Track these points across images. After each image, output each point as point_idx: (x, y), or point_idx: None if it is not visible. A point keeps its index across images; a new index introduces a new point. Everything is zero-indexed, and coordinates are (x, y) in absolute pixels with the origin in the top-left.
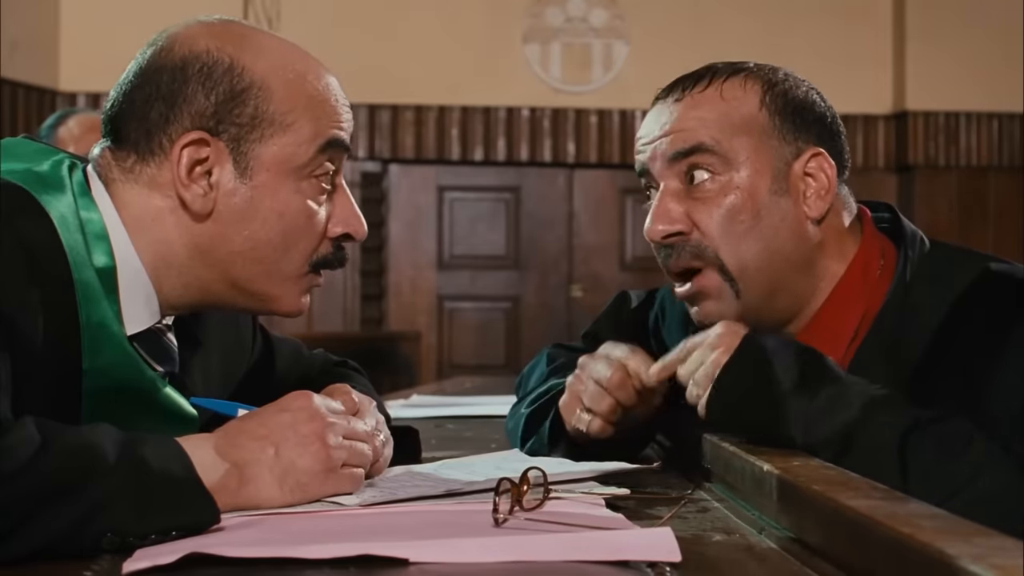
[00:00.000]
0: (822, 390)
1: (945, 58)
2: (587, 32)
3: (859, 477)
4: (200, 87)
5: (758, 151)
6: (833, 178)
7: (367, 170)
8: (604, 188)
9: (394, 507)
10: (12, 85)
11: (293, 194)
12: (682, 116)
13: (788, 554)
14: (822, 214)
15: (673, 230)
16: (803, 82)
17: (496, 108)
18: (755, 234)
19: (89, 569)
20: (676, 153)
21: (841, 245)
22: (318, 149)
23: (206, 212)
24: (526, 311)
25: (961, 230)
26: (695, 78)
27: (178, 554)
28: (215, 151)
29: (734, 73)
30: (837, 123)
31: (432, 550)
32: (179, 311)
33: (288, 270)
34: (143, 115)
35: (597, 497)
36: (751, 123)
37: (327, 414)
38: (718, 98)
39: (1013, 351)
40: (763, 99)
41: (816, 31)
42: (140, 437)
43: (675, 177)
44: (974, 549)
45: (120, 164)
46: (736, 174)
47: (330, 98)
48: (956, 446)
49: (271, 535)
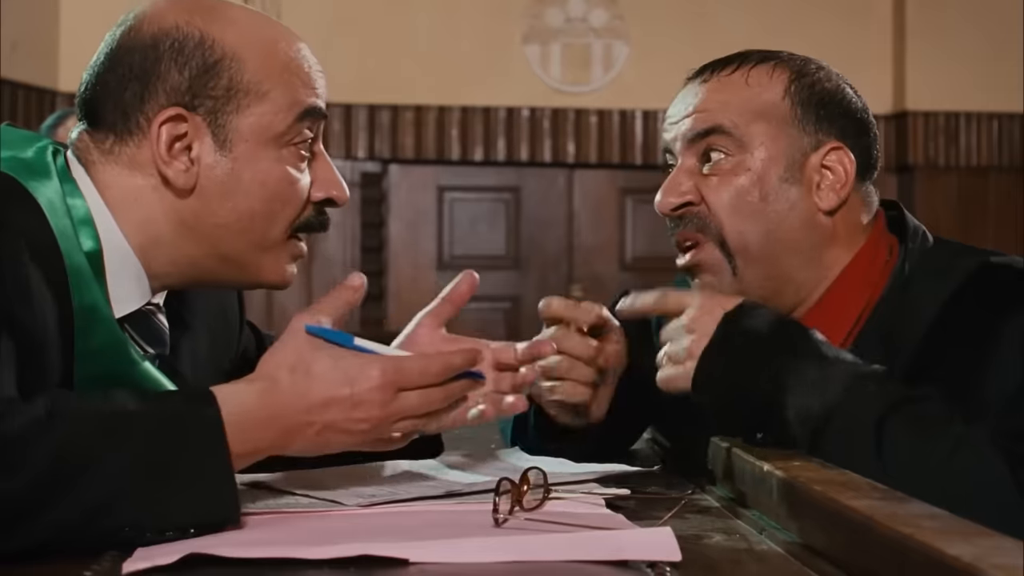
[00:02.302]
0: (806, 368)
1: (945, 58)
2: (587, 32)
3: (859, 477)
4: (173, 63)
5: (775, 138)
6: (851, 173)
7: (367, 170)
8: (604, 188)
9: (394, 507)
10: (12, 85)
11: (274, 163)
12: (706, 98)
13: (788, 554)
14: (833, 207)
15: (681, 201)
16: (838, 77)
17: (496, 108)
18: (760, 216)
19: (89, 569)
20: (695, 134)
21: (853, 240)
22: (296, 118)
23: (189, 187)
24: (526, 311)
25: (961, 230)
26: (725, 62)
27: (178, 554)
28: (193, 126)
29: (764, 60)
30: (868, 122)
31: (432, 550)
32: (170, 287)
33: (273, 238)
34: (118, 96)
35: (597, 497)
36: (771, 110)
37: (393, 402)
38: (743, 83)
39: (1006, 340)
40: (788, 88)
41: (816, 31)
42: (177, 414)
43: (692, 156)
44: (974, 549)
45: (99, 146)
46: (749, 156)
47: (303, 65)
48: (934, 426)
49: (271, 535)
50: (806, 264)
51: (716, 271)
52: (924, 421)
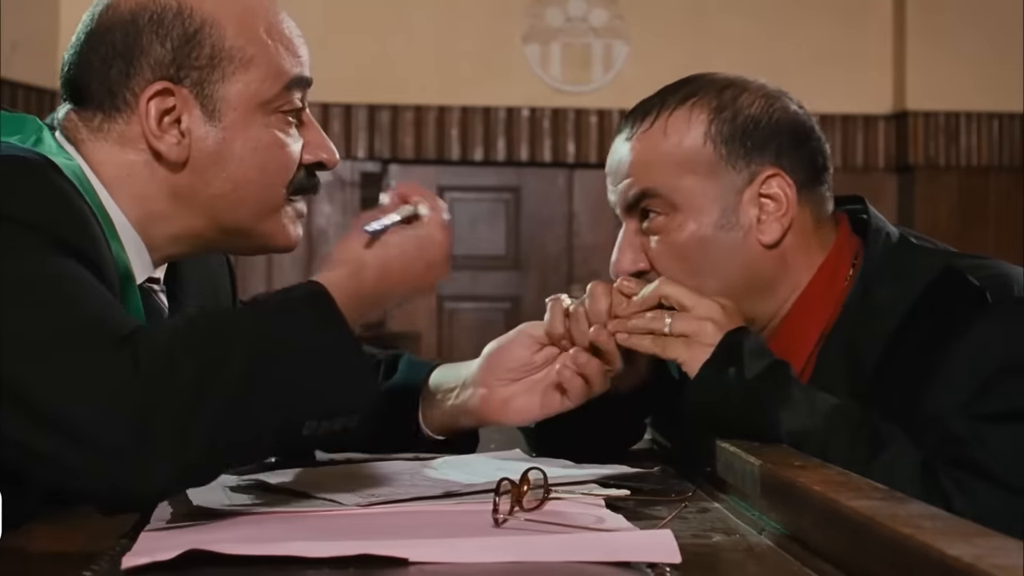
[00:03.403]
0: (790, 392)
1: (945, 58)
2: (587, 32)
3: (859, 477)
4: (154, 36)
5: (703, 188)
6: (791, 197)
7: (367, 170)
8: (604, 188)
9: (394, 507)
10: (12, 85)
11: (263, 129)
12: (632, 161)
13: (788, 555)
14: (777, 238)
15: (634, 269)
16: (761, 90)
17: (496, 108)
18: (705, 270)
19: (89, 569)
20: (628, 202)
21: (811, 257)
22: (284, 86)
23: (182, 160)
24: (526, 311)
25: (961, 230)
26: (644, 112)
27: (177, 550)
28: (180, 99)
29: (682, 102)
30: (806, 127)
31: (432, 550)
32: (174, 259)
33: (271, 203)
34: (103, 74)
35: (597, 498)
36: (695, 159)
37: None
38: (662, 136)
39: (954, 352)
40: (708, 130)
41: (816, 31)
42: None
43: (633, 219)
44: (974, 549)
45: (87, 124)
46: (680, 215)
47: (285, 31)
48: (868, 450)
49: (270, 533)
50: (763, 299)
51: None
52: (859, 444)
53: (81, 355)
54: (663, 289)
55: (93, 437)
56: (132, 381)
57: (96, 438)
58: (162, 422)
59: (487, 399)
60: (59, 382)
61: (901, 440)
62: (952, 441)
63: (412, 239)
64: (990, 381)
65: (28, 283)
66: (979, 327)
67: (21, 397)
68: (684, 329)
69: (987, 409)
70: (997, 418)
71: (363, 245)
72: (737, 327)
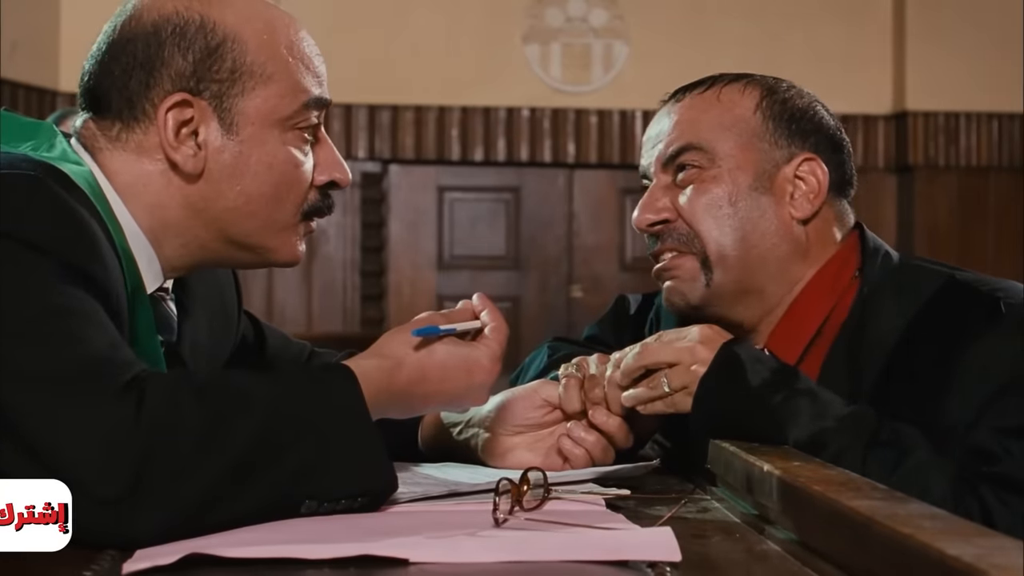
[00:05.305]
0: (798, 398)
1: (945, 58)
2: (587, 32)
3: (859, 477)
4: (176, 49)
5: (744, 149)
6: (824, 183)
7: (367, 170)
8: (604, 188)
9: (394, 507)
10: (12, 85)
11: (279, 145)
12: (678, 118)
13: (788, 554)
14: (807, 215)
15: (658, 219)
16: (810, 95)
17: (496, 108)
18: (734, 222)
19: (89, 569)
20: (668, 156)
21: (823, 253)
22: (303, 105)
23: (197, 172)
24: (526, 311)
25: (961, 230)
26: (699, 83)
27: (178, 554)
28: (199, 110)
29: (736, 79)
30: (841, 140)
31: (432, 550)
32: (180, 272)
33: (282, 220)
34: (123, 84)
35: (597, 497)
36: (742, 124)
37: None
38: (715, 100)
39: (970, 362)
40: (760, 103)
41: (816, 31)
42: (324, 395)
43: (667, 175)
44: (974, 549)
45: (105, 133)
46: (717, 169)
47: (305, 49)
48: (889, 456)
49: (271, 535)
50: (775, 276)
51: (691, 278)
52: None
53: (83, 399)
54: (642, 360)
55: (87, 484)
56: (132, 431)
57: (90, 486)
58: (158, 477)
59: (490, 444)
60: (58, 425)
61: (923, 446)
62: (980, 455)
63: (459, 356)
64: (1009, 392)
65: (33, 315)
66: (993, 336)
67: (19, 435)
68: (682, 382)
69: (1011, 422)
70: (1021, 432)
71: (409, 344)
72: (729, 339)
